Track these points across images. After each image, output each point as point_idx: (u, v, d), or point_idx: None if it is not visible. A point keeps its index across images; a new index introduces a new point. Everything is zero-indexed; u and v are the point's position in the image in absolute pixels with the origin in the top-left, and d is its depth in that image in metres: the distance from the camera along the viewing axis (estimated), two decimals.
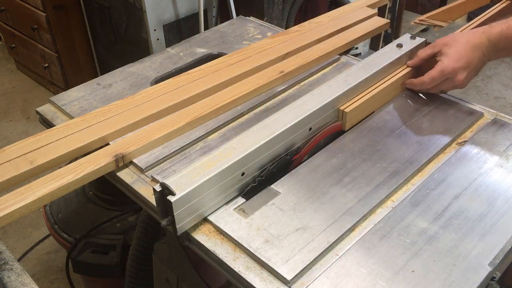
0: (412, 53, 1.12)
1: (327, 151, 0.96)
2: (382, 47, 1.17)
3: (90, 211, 1.51)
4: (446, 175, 0.90)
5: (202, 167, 0.81)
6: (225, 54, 1.28)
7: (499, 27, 0.98)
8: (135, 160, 0.94)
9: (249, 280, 0.73)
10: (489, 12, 1.24)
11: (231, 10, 2.22)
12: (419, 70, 1.10)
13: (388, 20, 1.38)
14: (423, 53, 1.06)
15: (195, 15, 2.26)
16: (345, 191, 0.87)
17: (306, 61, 1.19)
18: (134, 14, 2.16)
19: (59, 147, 0.94)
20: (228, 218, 0.82)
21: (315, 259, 0.75)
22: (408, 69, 1.08)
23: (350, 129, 1.01)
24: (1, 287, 0.70)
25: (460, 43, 0.99)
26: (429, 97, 1.08)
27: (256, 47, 1.25)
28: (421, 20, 1.31)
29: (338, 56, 1.26)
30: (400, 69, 1.08)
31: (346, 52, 1.30)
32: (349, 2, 1.99)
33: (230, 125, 1.05)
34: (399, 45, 1.12)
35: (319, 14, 1.40)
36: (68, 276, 1.48)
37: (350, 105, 0.99)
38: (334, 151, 0.96)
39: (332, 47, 1.24)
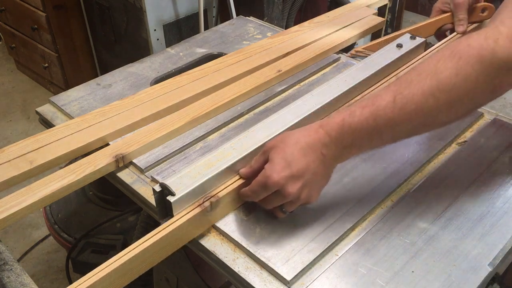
0: (412, 53, 1.12)
1: None
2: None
3: (90, 211, 1.51)
4: (446, 175, 0.90)
5: (202, 167, 0.81)
6: (225, 54, 1.28)
7: (340, 117, 0.74)
8: (135, 161, 0.94)
9: (248, 281, 0.73)
10: (450, 39, 1.15)
11: (231, 10, 2.22)
12: None
13: (384, 19, 1.38)
14: (256, 162, 0.80)
15: (195, 15, 2.26)
16: (345, 191, 0.86)
17: (303, 59, 1.19)
18: (134, 14, 2.16)
19: (59, 147, 0.95)
20: (227, 218, 0.82)
21: (315, 259, 0.75)
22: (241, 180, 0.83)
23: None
24: (1, 287, 0.70)
25: (288, 145, 0.75)
26: None
27: (256, 47, 1.25)
28: (357, 51, 1.23)
29: (338, 56, 1.26)
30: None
31: (346, 52, 1.30)
32: (349, 2, 1.99)
33: (230, 125, 1.05)
34: (399, 45, 1.12)
35: (319, 14, 1.40)
36: (68, 276, 1.48)
37: None
38: None
39: (328, 46, 1.24)
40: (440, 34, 1.21)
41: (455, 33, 1.15)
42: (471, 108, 0.73)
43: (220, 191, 0.80)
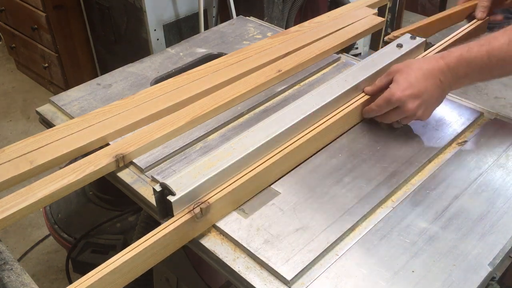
0: (412, 53, 1.12)
1: (327, 151, 0.96)
2: (382, 47, 1.16)
3: (90, 211, 1.51)
4: (446, 175, 0.90)
5: (202, 167, 0.81)
6: (225, 54, 1.28)
7: (458, 51, 0.89)
8: (135, 160, 0.94)
9: (249, 280, 0.73)
10: (460, 32, 1.18)
11: (231, 10, 2.22)
12: None
13: (384, 19, 1.38)
14: (380, 81, 0.97)
15: (195, 15, 2.26)
16: (345, 191, 0.87)
17: (303, 59, 1.19)
18: (134, 14, 2.16)
19: (59, 147, 0.94)
20: (228, 218, 0.82)
21: (315, 259, 0.75)
22: (367, 96, 0.99)
23: (349, 129, 1.01)
24: (1, 287, 0.70)
25: (412, 70, 0.90)
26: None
27: (256, 47, 1.25)
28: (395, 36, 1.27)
29: (338, 56, 1.26)
30: (360, 96, 0.99)
31: (346, 51, 1.31)
32: (349, 2, 1.99)
33: (230, 125, 1.05)
34: (399, 45, 1.12)
35: (319, 14, 1.40)
36: (68, 276, 1.48)
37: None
38: (334, 151, 0.96)
39: (329, 46, 1.24)
40: (471, 18, 1.26)
41: (475, 20, 1.20)
42: None
43: (212, 196, 0.80)
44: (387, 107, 0.92)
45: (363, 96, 1.00)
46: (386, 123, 0.97)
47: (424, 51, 1.14)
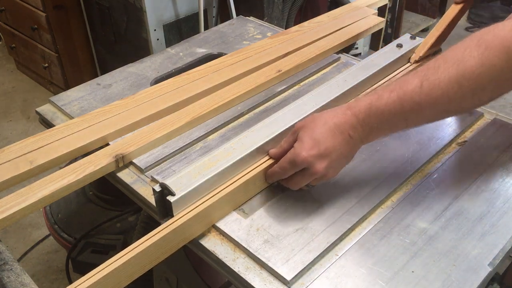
0: (412, 53, 1.12)
1: None
2: (382, 47, 1.16)
3: (90, 211, 1.51)
4: (446, 175, 0.90)
5: (202, 167, 0.81)
6: (225, 54, 1.28)
7: (367, 100, 0.77)
8: (135, 160, 0.94)
9: (248, 281, 0.73)
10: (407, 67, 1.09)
11: (231, 10, 2.22)
12: None
13: (383, 19, 1.38)
14: (286, 142, 0.84)
15: (195, 15, 2.26)
16: (345, 191, 0.86)
17: (303, 59, 1.19)
18: (134, 14, 2.16)
19: (59, 147, 0.94)
20: (227, 218, 0.82)
21: (315, 259, 0.75)
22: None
23: None
24: (1, 287, 0.70)
25: (317, 125, 0.79)
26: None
27: (256, 47, 1.25)
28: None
29: (338, 56, 1.26)
30: (265, 159, 0.86)
31: (346, 51, 1.31)
32: (349, 2, 1.99)
33: (230, 125, 1.05)
34: (399, 45, 1.12)
35: (319, 14, 1.40)
36: (68, 276, 1.48)
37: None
38: None
39: (328, 46, 1.24)
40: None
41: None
42: (494, 96, 0.75)
43: (211, 196, 0.80)
44: (292, 169, 0.80)
45: (401, 71, 1.03)
46: (294, 189, 0.84)
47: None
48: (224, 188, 0.81)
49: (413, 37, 1.15)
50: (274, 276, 0.74)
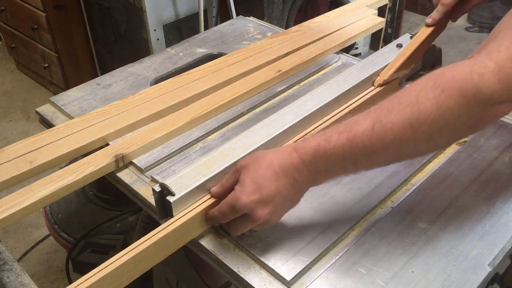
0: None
1: None
2: (382, 47, 1.16)
3: (90, 211, 1.51)
4: (446, 175, 0.90)
5: (202, 167, 0.81)
6: (225, 54, 1.28)
7: (315, 141, 0.70)
8: (135, 161, 0.94)
9: (248, 281, 0.73)
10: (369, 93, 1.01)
11: (231, 10, 2.22)
12: None
13: (383, 19, 1.38)
14: (227, 181, 0.77)
15: (195, 15, 2.26)
16: (345, 191, 0.86)
17: (303, 59, 1.19)
18: (134, 14, 2.16)
19: (59, 147, 0.94)
20: None
21: (315, 259, 0.75)
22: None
23: None
24: (1, 287, 0.70)
25: (261, 167, 0.71)
26: None
27: (256, 47, 1.25)
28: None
29: (338, 56, 1.26)
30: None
31: (346, 51, 1.31)
32: (349, 2, 1.99)
33: (230, 125, 1.05)
34: (399, 45, 1.12)
35: (319, 14, 1.40)
36: (68, 276, 1.48)
37: None
38: None
39: (329, 46, 1.24)
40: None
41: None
42: (450, 140, 0.73)
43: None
44: (232, 214, 0.73)
45: (365, 95, 0.99)
46: (235, 235, 0.78)
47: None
48: None
49: (413, 37, 1.14)
50: (274, 276, 0.74)
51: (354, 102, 0.98)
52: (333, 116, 0.96)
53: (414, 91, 0.67)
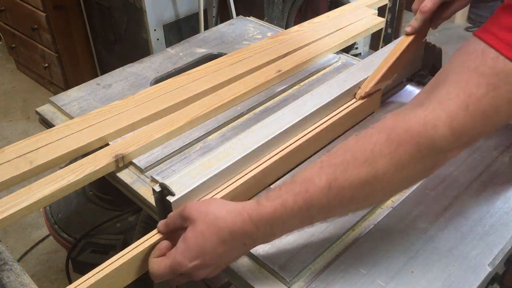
0: None
1: (327, 151, 0.95)
2: (382, 47, 1.16)
3: (90, 211, 1.50)
4: (446, 175, 0.90)
5: (202, 167, 0.81)
6: (225, 54, 1.28)
7: (271, 207, 0.66)
8: (135, 161, 0.94)
9: (248, 281, 0.73)
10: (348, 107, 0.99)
11: (231, 10, 2.22)
12: None
13: (383, 19, 1.38)
14: (174, 223, 0.73)
15: (195, 15, 2.26)
16: None
17: (303, 60, 1.19)
18: (134, 14, 2.16)
19: (59, 147, 0.94)
20: None
21: (315, 259, 0.75)
22: (157, 236, 0.75)
23: (350, 129, 1.01)
24: (0, 287, 0.70)
25: (209, 231, 0.67)
26: None
27: (256, 47, 1.25)
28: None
29: (338, 56, 1.26)
30: (152, 233, 0.75)
31: (346, 51, 1.31)
32: (349, 2, 1.99)
33: (230, 125, 1.05)
34: None
35: (319, 14, 1.40)
36: (68, 276, 1.48)
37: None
38: None
39: (328, 46, 1.24)
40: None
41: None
42: (405, 188, 0.75)
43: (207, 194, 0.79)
44: (172, 274, 0.70)
45: (346, 107, 0.97)
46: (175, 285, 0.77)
47: (424, 51, 1.13)
48: (224, 189, 0.81)
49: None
50: (274, 276, 0.74)
51: (335, 115, 0.96)
52: (333, 116, 0.96)
53: (369, 144, 0.66)
